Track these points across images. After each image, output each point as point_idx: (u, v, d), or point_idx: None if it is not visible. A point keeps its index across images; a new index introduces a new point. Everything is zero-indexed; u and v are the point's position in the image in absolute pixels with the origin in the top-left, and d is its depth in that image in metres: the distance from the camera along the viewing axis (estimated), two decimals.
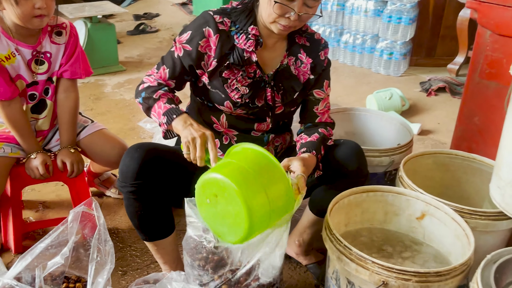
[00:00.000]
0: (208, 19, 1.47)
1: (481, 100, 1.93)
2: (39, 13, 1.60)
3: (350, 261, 1.29)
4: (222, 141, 1.59)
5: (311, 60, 1.57)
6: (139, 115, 3.13)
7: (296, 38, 1.57)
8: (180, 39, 1.49)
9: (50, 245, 1.37)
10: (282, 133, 1.67)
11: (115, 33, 3.94)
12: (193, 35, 1.47)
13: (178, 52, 1.48)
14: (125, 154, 1.46)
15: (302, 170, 1.34)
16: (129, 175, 1.42)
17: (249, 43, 1.47)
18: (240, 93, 1.50)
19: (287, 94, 1.56)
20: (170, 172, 1.50)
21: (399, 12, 3.79)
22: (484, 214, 1.49)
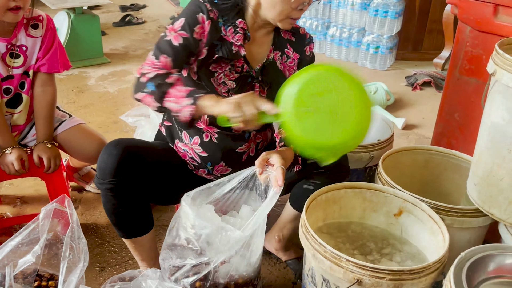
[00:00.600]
0: (200, 6, 1.43)
1: (461, 96, 1.93)
2: (13, 5, 1.56)
3: (325, 259, 1.28)
4: (203, 138, 1.56)
5: (298, 56, 1.56)
6: (122, 109, 3.10)
7: (281, 32, 1.55)
8: (174, 28, 1.42)
9: (21, 242, 1.35)
10: (263, 129, 1.65)
11: (99, 24, 3.89)
12: (188, 21, 1.41)
13: (177, 41, 1.40)
14: (103, 151, 1.43)
15: (281, 162, 1.34)
16: (107, 172, 1.40)
17: (237, 37, 1.45)
18: (227, 87, 1.48)
19: (273, 89, 1.53)
20: (149, 169, 1.48)
21: (386, 5, 3.78)
22: (460, 211, 1.50)
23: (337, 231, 1.62)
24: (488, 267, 1.23)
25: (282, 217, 1.74)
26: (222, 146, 1.56)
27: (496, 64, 1.32)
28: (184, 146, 1.58)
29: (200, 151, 1.56)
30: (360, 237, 1.60)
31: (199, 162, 1.58)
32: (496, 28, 1.71)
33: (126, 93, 3.39)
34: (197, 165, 1.59)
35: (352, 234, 1.61)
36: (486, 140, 1.42)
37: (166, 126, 1.64)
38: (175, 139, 1.61)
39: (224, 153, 1.56)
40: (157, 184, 1.54)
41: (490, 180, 1.41)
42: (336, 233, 1.60)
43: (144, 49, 4.36)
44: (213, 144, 1.55)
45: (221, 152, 1.56)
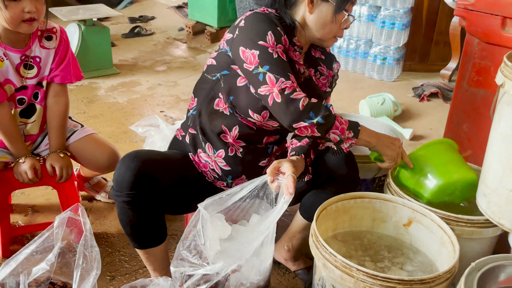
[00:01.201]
0: (272, 18, 1.41)
1: (470, 108, 1.94)
2: (28, 17, 1.59)
3: (335, 268, 1.29)
4: (228, 152, 1.54)
5: (332, 73, 1.61)
6: (132, 119, 3.13)
7: (312, 51, 1.58)
8: (270, 43, 1.36)
9: (35, 250, 1.36)
10: (281, 142, 1.66)
11: (109, 36, 3.94)
12: (275, 33, 1.38)
13: (282, 57, 1.38)
14: (120, 163, 1.43)
15: (292, 171, 1.34)
16: (124, 185, 1.40)
17: (297, 55, 1.48)
18: None
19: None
20: (165, 182, 1.47)
21: (393, 17, 3.80)
22: (469, 222, 1.50)
23: (351, 238, 1.63)
24: (498, 277, 1.23)
25: (292, 227, 1.75)
26: (245, 160, 1.56)
27: (504, 75, 1.33)
28: (206, 157, 1.56)
29: (223, 164, 1.56)
30: (374, 245, 1.61)
31: (220, 175, 1.58)
32: (504, 40, 1.73)
33: (135, 104, 3.43)
34: (217, 177, 1.59)
35: (366, 242, 1.62)
36: (495, 150, 1.43)
37: (190, 134, 1.59)
38: (197, 149, 1.58)
39: (246, 167, 1.57)
40: (173, 195, 1.55)
41: (500, 191, 1.42)
42: (351, 240, 1.62)
43: (153, 60, 4.41)
44: (237, 158, 1.55)
45: (244, 165, 1.56)
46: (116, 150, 1.93)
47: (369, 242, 1.62)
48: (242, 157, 1.55)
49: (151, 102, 3.45)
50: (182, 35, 5.27)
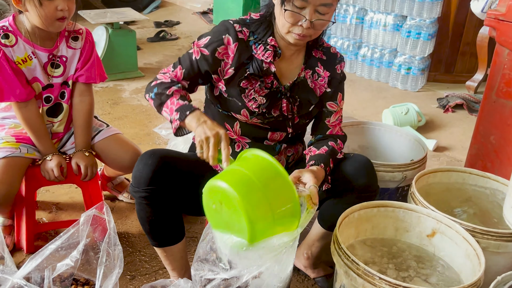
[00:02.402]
0: (228, 27, 1.49)
1: (498, 119, 1.91)
2: (61, 15, 1.63)
3: (358, 276, 1.28)
4: (234, 148, 1.60)
5: (329, 74, 1.59)
6: (155, 121, 3.17)
7: (313, 52, 1.58)
8: (198, 43, 1.50)
9: (60, 246, 1.39)
10: (294, 144, 1.68)
11: (135, 39, 4.00)
12: (212, 40, 1.49)
13: (195, 55, 1.50)
14: (139, 160, 1.47)
15: (314, 181, 1.35)
16: (142, 180, 1.44)
17: (268, 54, 1.48)
18: (257, 103, 1.51)
19: (303, 106, 1.57)
20: (182, 180, 1.51)
21: (419, 27, 3.77)
22: (496, 235, 1.47)
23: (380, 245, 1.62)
24: None
25: (311, 235, 1.74)
26: None
27: None
28: None
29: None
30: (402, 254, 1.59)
31: None
32: None
33: None
34: None
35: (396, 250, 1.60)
36: None
37: None
38: None
39: None
40: (190, 194, 1.56)
41: None
42: (379, 246, 1.61)
43: None
44: None
45: None
46: (139, 150, 1.95)
47: (398, 251, 1.60)
48: None
49: None
50: None
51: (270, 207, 1.18)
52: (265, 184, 1.19)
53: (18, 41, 1.68)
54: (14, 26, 1.69)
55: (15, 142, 1.77)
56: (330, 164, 1.52)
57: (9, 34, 1.67)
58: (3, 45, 1.66)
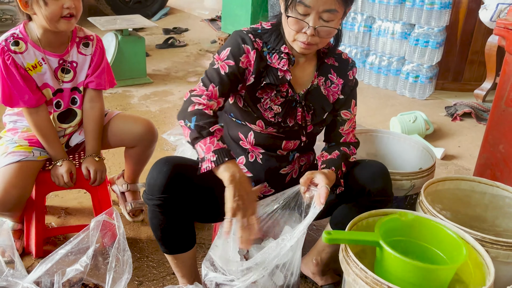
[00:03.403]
0: (243, 37, 1.49)
1: (507, 128, 1.90)
2: (67, 13, 1.64)
3: (366, 284, 1.28)
4: (248, 158, 1.60)
5: (342, 81, 1.59)
6: (163, 127, 3.18)
7: (325, 58, 1.59)
8: (220, 57, 1.49)
9: (70, 251, 1.40)
10: (306, 152, 1.68)
11: (144, 46, 4.03)
12: (233, 51, 1.48)
13: (223, 70, 1.47)
14: (152, 168, 1.47)
15: (325, 182, 1.37)
16: (156, 188, 1.44)
17: (283, 62, 1.49)
18: (273, 112, 1.51)
19: (317, 114, 1.58)
20: (195, 187, 1.51)
21: (427, 35, 3.78)
22: (506, 244, 1.46)
23: None
24: None
25: (321, 241, 1.74)
26: (266, 167, 1.58)
27: None
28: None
29: (245, 171, 1.59)
30: None
31: None
32: None
33: (167, 113, 3.49)
34: None
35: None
36: None
37: None
38: None
39: (268, 174, 1.59)
40: (202, 202, 1.57)
41: None
42: None
43: (185, 71, 4.48)
44: (257, 165, 1.58)
45: (265, 172, 1.59)
46: (148, 120, 1.99)
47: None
48: (262, 163, 1.58)
49: None
50: (215, 47, 5.35)
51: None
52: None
53: (28, 48, 1.71)
54: (25, 33, 1.71)
55: (28, 145, 1.79)
56: (342, 167, 1.53)
57: (19, 41, 1.70)
58: (13, 52, 1.68)
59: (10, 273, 1.36)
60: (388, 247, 1.30)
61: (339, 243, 1.38)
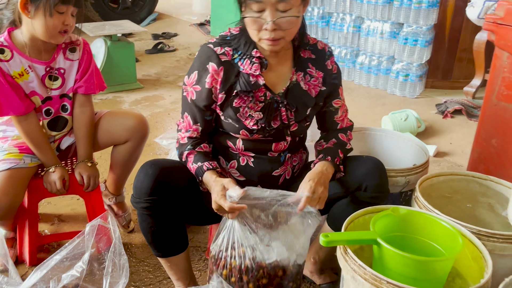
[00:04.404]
0: (209, 54, 1.48)
1: (499, 122, 1.92)
2: (64, 28, 1.66)
3: (365, 281, 1.27)
4: (240, 162, 1.59)
5: (322, 73, 1.58)
6: (155, 132, 3.17)
7: (301, 52, 1.56)
8: (189, 82, 1.51)
9: (65, 257, 1.38)
10: (297, 151, 1.67)
11: (133, 51, 4.02)
12: (200, 74, 1.49)
13: (191, 96, 1.52)
14: (139, 171, 1.48)
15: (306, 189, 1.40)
16: (143, 191, 1.44)
17: (254, 67, 1.47)
18: (255, 119, 1.50)
19: (300, 111, 1.56)
20: (184, 189, 1.51)
21: (415, 34, 3.80)
22: (501, 237, 1.47)
23: None
24: None
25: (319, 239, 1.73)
26: (258, 170, 1.58)
27: None
28: (220, 170, 1.59)
29: (237, 175, 1.58)
30: None
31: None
32: None
33: (159, 117, 3.47)
34: None
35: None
36: None
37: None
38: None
39: (260, 177, 1.58)
40: (192, 204, 1.56)
41: None
42: None
43: (175, 76, 4.47)
44: (250, 168, 1.57)
45: (257, 176, 1.58)
46: (138, 112, 1.97)
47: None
48: (254, 167, 1.57)
49: (174, 116, 3.49)
50: None
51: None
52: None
53: (14, 56, 1.69)
54: (10, 40, 1.69)
55: (18, 153, 1.77)
56: (339, 154, 1.55)
57: (4, 49, 1.68)
58: None
59: (5, 281, 1.34)
60: (385, 243, 1.30)
61: (337, 245, 1.38)
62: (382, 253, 1.34)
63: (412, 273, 1.29)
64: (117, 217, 2.14)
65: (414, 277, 1.29)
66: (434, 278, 1.32)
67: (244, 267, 1.42)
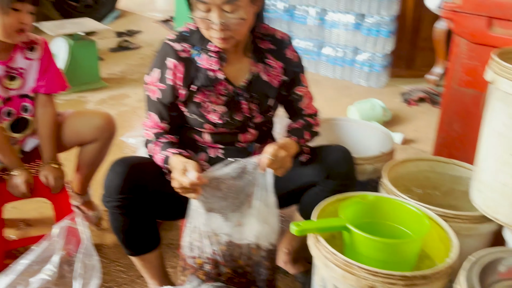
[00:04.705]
0: (167, 51, 1.48)
1: (460, 107, 1.97)
2: (21, 27, 1.62)
3: (337, 267, 1.29)
4: (209, 154, 1.59)
5: (282, 64, 1.58)
6: (122, 131, 3.10)
7: (260, 43, 1.56)
8: (151, 81, 1.51)
9: (33, 261, 1.35)
10: (266, 141, 1.67)
11: (96, 50, 3.93)
12: (161, 72, 1.49)
13: (156, 95, 1.50)
14: (109, 169, 1.46)
15: (269, 152, 1.40)
16: (113, 189, 1.42)
17: (212, 61, 1.48)
18: (218, 113, 1.50)
19: (262, 102, 1.57)
20: (155, 185, 1.50)
21: (378, 25, 3.87)
22: (466, 218, 1.52)
23: None
24: (498, 269, 1.24)
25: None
26: None
27: (494, 72, 1.36)
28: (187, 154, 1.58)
29: (207, 167, 1.58)
30: None
31: None
32: (491, 40, 1.78)
33: (125, 116, 3.42)
34: None
35: None
36: (488, 147, 1.46)
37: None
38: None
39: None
40: (163, 200, 1.55)
41: (494, 186, 1.44)
42: None
43: (141, 73, 4.40)
44: (219, 160, 1.57)
45: None
46: (108, 112, 1.94)
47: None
48: (223, 158, 1.57)
49: (141, 114, 3.44)
50: None
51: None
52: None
53: None
54: None
55: None
56: (304, 136, 1.58)
57: None
58: None
59: None
60: (355, 229, 1.32)
61: (308, 233, 1.40)
62: (353, 239, 1.36)
63: (382, 256, 1.32)
64: (87, 216, 2.11)
65: (384, 260, 1.32)
66: (403, 260, 1.36)
67: (219, 252, 1.42)
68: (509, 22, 1.76)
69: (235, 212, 1.45)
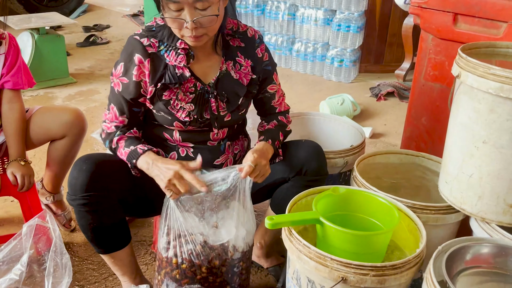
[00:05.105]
0: (135, 45, 1.45)
1: (427, 102, 2.02)
2: None
3: (310, 259, 1.31)
4: (179, 153, 1.57)
5: (251, 62, 1.57)
6: (92, 127, 3.06)
7: (230, 41, 1.55)
8: (116, 73, 1.48)
9: (1, 261, 1.32)
10: (237, 138, 1.67)
11: (64, 44, 3.85)
12: (126, 66, 1.46)
13: (117, 88, 1.48)
14: (73, 167, 1.43)
15: (250, 159, 1.42)
16: (77, 187, 1.39)
17: (180, 58, 1.46)
18: (187, 110, 1.48)
19: (231, 100, 1.55)
20: (122, 182, 1.47)
21: (348, 20, 3.91)
22: (434, 208, 1.56)
23: None
24: (465, 257, 1.29)
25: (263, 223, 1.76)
26: None
27: (460, 67, 1.40)
28: (156, 150, 1.56)
29: None
30: None
31: None
32: (456, 36, 1.83)
33: (95, 112, 3.36)
34: None
35: None
36: (454, 139, 1.50)
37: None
38: None
39: (202, 167, 1.56)
40: (132, 196, 1.53)
41: (460, 177, 1.48)
42: None
43: (110, 68, 4.33)
44: (190, 159, 1.55)
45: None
46: (77, 108, 1.91)
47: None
48: (194, 157, 1.55)
49: None
50: None
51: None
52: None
53: None
54: None
55: None
56: (279, 137, 1.59)
57: None
58: None
59: None
60: (327, 221, 1.34)
61: (282, 227, 1.41)
62: (325, 231, 1.38)
63: (354, 248, 1.35)
64: (57, 216, 2.06)
65: (355, 252, 1.35)
66: (374, 251, 1.39)
67: (195, 252, 1.42)
68: (473, 18, 1.82)
69: (212, 214, 1.45)
